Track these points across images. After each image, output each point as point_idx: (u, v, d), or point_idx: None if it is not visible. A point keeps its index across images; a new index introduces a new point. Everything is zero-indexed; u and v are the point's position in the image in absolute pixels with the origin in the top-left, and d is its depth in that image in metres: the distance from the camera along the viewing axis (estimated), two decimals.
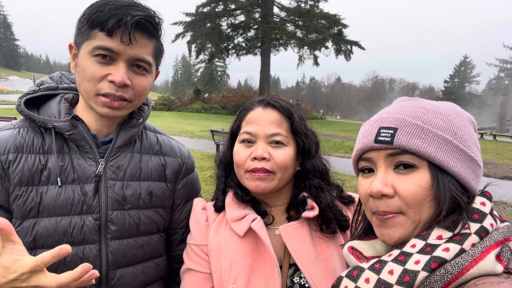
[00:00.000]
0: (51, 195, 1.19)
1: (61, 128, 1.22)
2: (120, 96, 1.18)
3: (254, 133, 1.25)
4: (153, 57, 1.24)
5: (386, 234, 0.87)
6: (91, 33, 1.14)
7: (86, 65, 1.15)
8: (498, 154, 16.95)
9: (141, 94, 1.25)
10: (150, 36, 1.20)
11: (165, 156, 1.44)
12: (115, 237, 1.26)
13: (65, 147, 1.25)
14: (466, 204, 0.82)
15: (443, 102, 0.94)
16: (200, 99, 36.56)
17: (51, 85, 1.35)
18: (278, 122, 1.26)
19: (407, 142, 0.84)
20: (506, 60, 72.13)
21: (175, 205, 1.46)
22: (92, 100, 1.19)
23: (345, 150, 14.34)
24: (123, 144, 1.32)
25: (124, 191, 1.29)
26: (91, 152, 1.26)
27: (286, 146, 1.25)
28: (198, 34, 32.55)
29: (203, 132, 18.00)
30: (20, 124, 1.26)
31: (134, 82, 1.20)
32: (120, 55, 1.15)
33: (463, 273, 0.72)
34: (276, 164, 1.23)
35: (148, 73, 1.25)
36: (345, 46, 33.79)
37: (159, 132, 1.52)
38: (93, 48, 1.14)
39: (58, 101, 1.30)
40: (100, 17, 1.11)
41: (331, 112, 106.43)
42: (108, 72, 1.15)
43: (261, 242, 1.24)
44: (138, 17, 1.12)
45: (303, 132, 1.29)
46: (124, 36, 1.12)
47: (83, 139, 1.25)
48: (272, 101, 1.30)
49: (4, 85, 69.87)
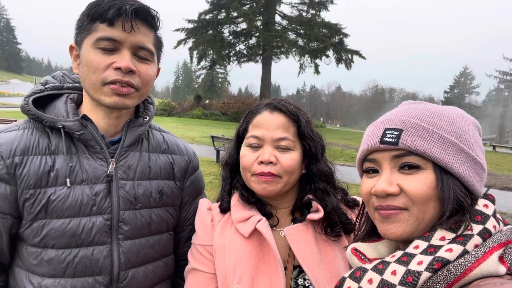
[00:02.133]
0: (60, 196, 1.17)
1: (71, 128, 1.20)
2: (128, 81, 1.18)
3: (261, 137, 1.26)
4: (155, 46, 1.26)
5: (388, 229, 0.88)
6: (92, 26, 1.15)
7: (90, 57, 1.15)
8: (497, 165, 16.94)
9: (147, 82, 1.25)
10: (149, 26, 1.22)
11: (172, 154, 1.45)
12: (127, 237, 1.26)
13: (72, 147, 1.23)
14: (469, 205, 0.83)
15: (448, 106, 0.96)
16: (201, 105, 36.59)
17: (57, 84, 1.34)
18: (285, 126, 1.26)
19: (412, 143, 0.85)
20: (506, 72, 72.30)
21: (183, 203, 1.47)
22: (99, 92, 1.18)
23: (345, 158, 14.34)
24: (131, 143, 1.32)
25: (135, 190, 1.29)
26: (101, 152, 1.25)
27: (292, 151, 1.26)
28: (200, 41, 32.68)
29: (203, 138, 18.00)
30: (25, 125, 1.24)
31: (139, 70, 1.20)
32: (123, 43, 1.16)
33: (466, 274, 0.72)
34: (283, 168, 1.23)
35: (151, 62, 1.25)
36: (346, 55, 33.91)
37: (164, 131, 1.53)
38: (95, 40, 1.14)
39: (65, 101, 1.29)
40: (100, 9, 1.12)
41: (331, 120, 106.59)
42: (113, 60, 1.16)
43: (266, 243, 1.25)
44: (136, 5, 1.15)
45: (310, 136, 1.30)
46: (126, 24, 1.14)
47: (93, 139, 1.23)
48: (279, 105, 1.29)
49: (5, 88, 69.94)
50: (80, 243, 1.19)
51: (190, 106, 36.44)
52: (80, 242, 1.19)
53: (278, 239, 1.28)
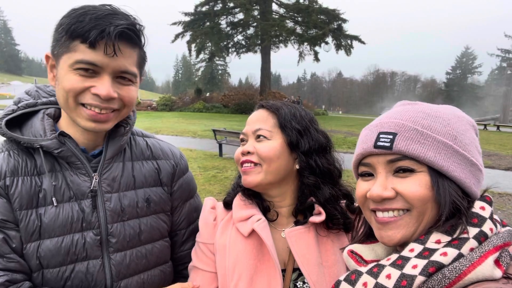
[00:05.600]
0: (50, 215, 1.16)
1: (49, 147, 1.17)
2: (107, 107, 1.12)
3: (245, 132, 1.35)
4: (137, 67, 1.19)
5: (386, 237, 0.87)
6: (71, 45, 1.06)
7: (66, 78, 1.08)
8: (502, 145, 16.86)
9: (130, 104, 1.20)
10: (133, 46, 1.14)
11: (157, 160, 1.42)
12: (117, 250, 1.25)
13: (56, 165, 1.21)
14: (466, 208, 0.82)
15: (444, 106, 0.94)
16: (202, 99, 36.60)
17: (30, 101, 1.28)
18: (263, 118, 1.33)
19: (406, 147, 0.84)
20: (508, 50, 71.67)
21: (173, 208, 1.46)
22: (74, 113, 1.13)
23: (348, 146, 14.33)
24: (113, 154, 1.29)
25: (121, 202, 1.27)
26: (83, 168, 1.22)
27: (269, 140, 1.29)
28: (198, 33, 32.57)
29: (206, 132, 18.03)
30: (8, 146, 1.20)
31: (121, 94, 1.15)
32: (104, 68, 1.08)
33: (460, 278, 0.72)
34: (260, 156, 1.27)
35: (134, 83, 1.20)
36: (345, 41, 33.71)
37: (147, 136, 1.49)
38: (74, 62, 1.06)
39: (41, 117, 1.24)
40: (80, 28, 1.03)
41: (333, 107, 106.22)
42: (92, 84, 1.09)
43: (265, 244, 1.25)
44: (121, 26, 1.05)
45: (292, 126, 1.30)
46: (108, 48, 1.05)
47: (73, 155, 1.20)
48: (263, 103, 1.38)
49: (6, 90, 70.09)
50: (75, 259, 1.19)
51: (191, 100, 36.47)
52: (75, 258, 1.19)
53: (279, 240, 1.29)
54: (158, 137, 1.54)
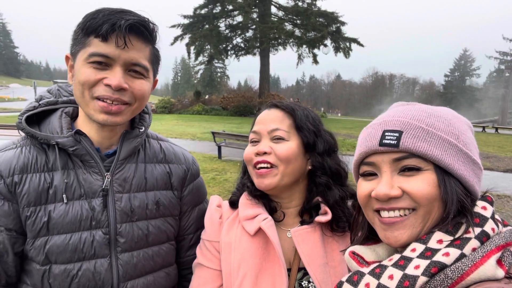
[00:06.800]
0: (59, 212, 1.18)
1: (64, 144, 1.20)
2: (118, 98, 1.16)
3: (259, 131, 1.32)
4: (150, 62, 1.22)
5: (392, 237, 0.86)
6: (86, 40, 1.13)
7: (81, 71, 1.14)
8: (500, 147, 16.89)
9: (141, 98, 1.22)
10: (145, 41, 1.19)
11: (169, 163, 1.43)
12: (124, 250, 1.26)
13: (69, 162, 1.23)
14: (470, 207, 0.82)
15: (440, 107, 0.94)
16: (201, 101, 36.54)
17: (51, 99, 1.33)
18: (279, 119, 1.31)
19: (413, 145, 0.84)
20: (506, 53, 71.90)
21: (182, 212, 1.46)
22: (88, 106, 1.17)
23: (347, 148, 14.31)
24: (127, 155, 1.30)
25: (131, 203, 1.28)
26: (96, 167, 1.24)
27: (287, 141, 1.28)
28: (197, 36, 32.57)
29: (205, 134, 18.02)
30: (22, 143, 1.24)
31: (132, 86, 1.18)
32: (115, 60, 1.13)
33: (463, 278, 0.72)
34: (278, 157, 1.26)
35: (146, 78, 1.22)
36: (344, 43, 33.74)
37: (162, 139, 1.50)
38: (88, 55, 1.13)
39: (59, 115, 1.28)
40: (94, 23, 1.10)
41: (332, 110, 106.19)
42: (104, 76, 1.14)
43: (271, 243, 1.26)
44: (132, 20, 1.11)
45: (308, 128, 1.31)
46: (119, 40, 1.11)
47: (87, 154, 1.23)
48: (276, 102, 1.37)
49: (5, 93, 70.04)
50: (82, 257, 1.20)
51: (190, 102, 36.43)
52: (83, 256, 1.20)
53: (285, 240, 1.29)
54: (172, 141, 1.55)
